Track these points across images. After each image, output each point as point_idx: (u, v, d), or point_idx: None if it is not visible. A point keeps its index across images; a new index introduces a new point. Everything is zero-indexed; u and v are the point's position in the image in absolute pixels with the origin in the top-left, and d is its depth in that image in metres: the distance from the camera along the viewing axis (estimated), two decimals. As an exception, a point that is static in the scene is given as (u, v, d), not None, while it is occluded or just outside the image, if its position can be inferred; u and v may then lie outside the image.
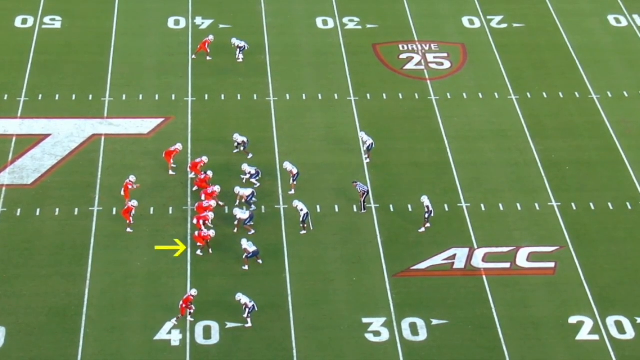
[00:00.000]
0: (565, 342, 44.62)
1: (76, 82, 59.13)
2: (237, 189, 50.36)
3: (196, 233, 47.94)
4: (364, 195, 50.81)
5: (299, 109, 57.80)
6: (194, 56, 61.30)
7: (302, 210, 49.36)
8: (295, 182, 51.79)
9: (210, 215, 48.69)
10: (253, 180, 51.71)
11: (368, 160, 53.88)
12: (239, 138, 53.73)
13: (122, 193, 50.08)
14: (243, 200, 50.25)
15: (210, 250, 47.88)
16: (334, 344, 44.01)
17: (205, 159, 51.96)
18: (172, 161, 52.51)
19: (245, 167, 51.91)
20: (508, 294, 46.84)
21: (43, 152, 54.03)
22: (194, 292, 44.68)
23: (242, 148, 53.70)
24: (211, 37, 61.39)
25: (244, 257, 47.16)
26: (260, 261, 47.56)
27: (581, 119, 57.93)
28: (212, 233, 47.76)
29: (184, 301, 44.32)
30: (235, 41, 61.02)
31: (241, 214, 49.06)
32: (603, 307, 46.32)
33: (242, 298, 44.65)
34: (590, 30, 65.70)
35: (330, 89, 59.47)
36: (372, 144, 53.92)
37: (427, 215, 49.72)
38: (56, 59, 61.21)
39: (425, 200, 49.89)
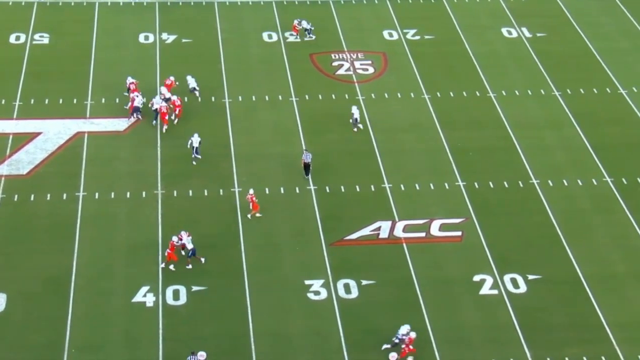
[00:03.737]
0: (471, 296, 45.11)
1: (63, 88, 58.33)
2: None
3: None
4: (306, 166, 50.96)
5: (250, 108, 57.59)
6: (291, 38, 63.88)
7: None
8: (196, 93, 56.65)
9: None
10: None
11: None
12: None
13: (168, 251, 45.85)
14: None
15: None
16: (283, 303, 44.14)
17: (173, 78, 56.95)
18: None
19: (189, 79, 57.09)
20: (424, 258, 47.17)
21: (36, 147, 53.37)
22: None
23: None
24: (296, 22, 64.20)
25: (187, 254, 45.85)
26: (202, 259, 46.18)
27: (481, 113, 58.28)
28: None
29: None
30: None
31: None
32: (501, 267, 46.82)
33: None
34: (488, 41, 66.01)
35: (276, 91, 59.24)
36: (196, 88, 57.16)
37: None
38: (45, 69, 60.32)
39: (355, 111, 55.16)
